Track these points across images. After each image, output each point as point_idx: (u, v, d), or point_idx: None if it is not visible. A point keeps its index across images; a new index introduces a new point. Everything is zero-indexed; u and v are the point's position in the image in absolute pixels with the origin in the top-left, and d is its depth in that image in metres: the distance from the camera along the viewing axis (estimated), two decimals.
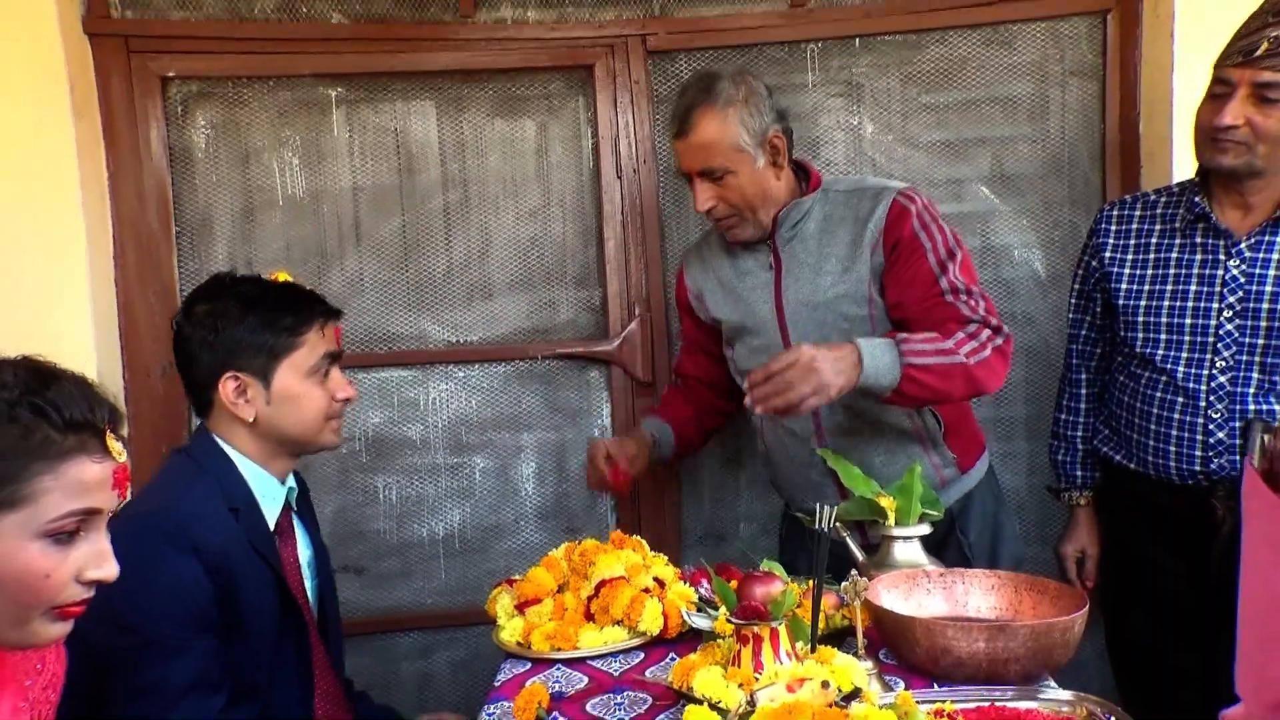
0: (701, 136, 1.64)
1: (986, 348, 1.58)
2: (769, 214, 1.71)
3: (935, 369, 1.53)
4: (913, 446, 1.74)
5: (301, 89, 2.15)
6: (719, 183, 1.66)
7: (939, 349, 1.54)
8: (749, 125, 1.63)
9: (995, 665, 1.20)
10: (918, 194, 1.70)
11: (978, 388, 1.59)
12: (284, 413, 1.41)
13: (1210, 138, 1.58)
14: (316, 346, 1.45)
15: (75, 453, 0.90)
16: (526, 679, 1.36)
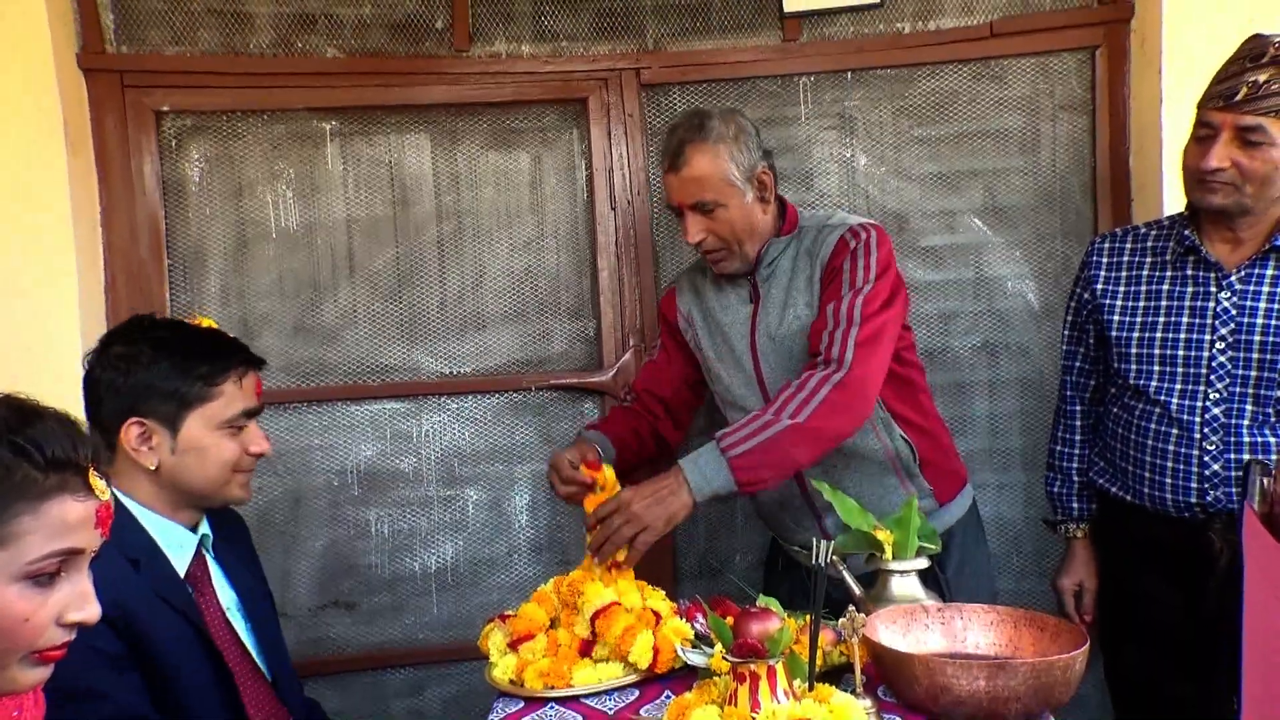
0: (693, 171, 1.68)
1: (817, 393, 1.55)
2: (755, 248, 1.75)
3: (759, 448, 1.51)
4: (889, 478, 1.74)
5: (296, 122, 2.16)
6: (709, 216, 1.69)
7: (758, 426, 1.54)
8: (739, 161, 1.68)
9: (996, 704, 1.18)
10: (870, 230, 1.70)
11: (827, 437, 1.56)
12: (188, 464, 1.36)
13: (1198, 179, 1.59)
14: (234, 400, 1.40)
15: (57, 491, 0.88)
16: (520, 718, 1.33)
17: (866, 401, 1.61)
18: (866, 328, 1.61)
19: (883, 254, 1.68)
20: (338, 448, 2.21)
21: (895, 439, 1.74)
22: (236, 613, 1.46)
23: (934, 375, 2.25)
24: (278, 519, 2.19)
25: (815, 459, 1.60)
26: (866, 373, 1.60)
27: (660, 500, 1.50)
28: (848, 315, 1.62)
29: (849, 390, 1.57)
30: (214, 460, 1.38)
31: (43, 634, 0.88)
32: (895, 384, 1.74)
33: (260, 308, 2.17)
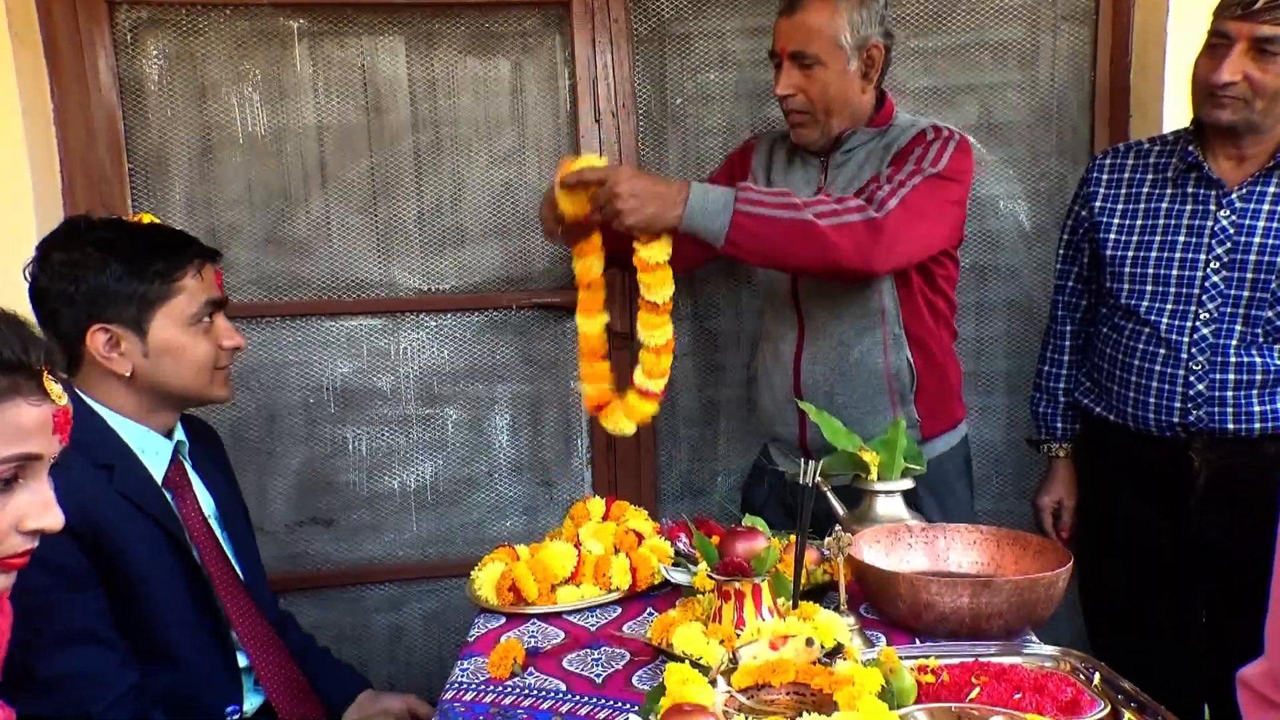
0: (806, 18, 1.60)
1: (847, 215, 1.49)
2: (841, 124, 1.67)
3: (770, 221, 1.45)
4: (881, 398, 1.72)
5: (261, 19, 2.03)
6: (806, 71, 1.61)
7: (782, 203, 1.47)
8: (855, 25, 1.60)
9: (978, 620, 1.19)
10: (954, 132, 1.66)
11: (832, 253, 1.48)
12: (165, 366, 1.32)
13: (1208, 93, 1.54)
14: (196, 293, 1.34)
15: (9, 395, 0.84)
16: (501, 634, 1.33)
17: (886, 257, 1.53)
18: (915, 195, 1.54)
19: (959, 154, 1.62)
20: (313, 364, 2.15)
21: (901, 359, 1.70)
22: (215, 523, 1.43)
23: None
24: (253, 435, 2.15)
25: (802, 265, 1.55)
26: (899, 234, 1.52)
27: (651, 197, 1.43)
28: (899, 182, 1.55)
29: (876, 232, 1.50)
30: (190, 360, 1.34)
31: (2, 541, 0.86)
32: (924, 308, 1.71)
33: (228, 217, 2.08)
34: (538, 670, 1.21)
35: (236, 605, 1.40)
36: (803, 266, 1.56)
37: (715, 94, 2.16)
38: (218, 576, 1.38)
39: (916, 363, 1.71)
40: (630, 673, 1.20)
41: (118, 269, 1.29)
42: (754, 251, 1.49)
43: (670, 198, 1.44)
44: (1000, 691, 1.00)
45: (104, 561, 1.22)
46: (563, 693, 1.15)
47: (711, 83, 2.16)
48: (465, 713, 1.12)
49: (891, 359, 1.70)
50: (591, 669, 1.21)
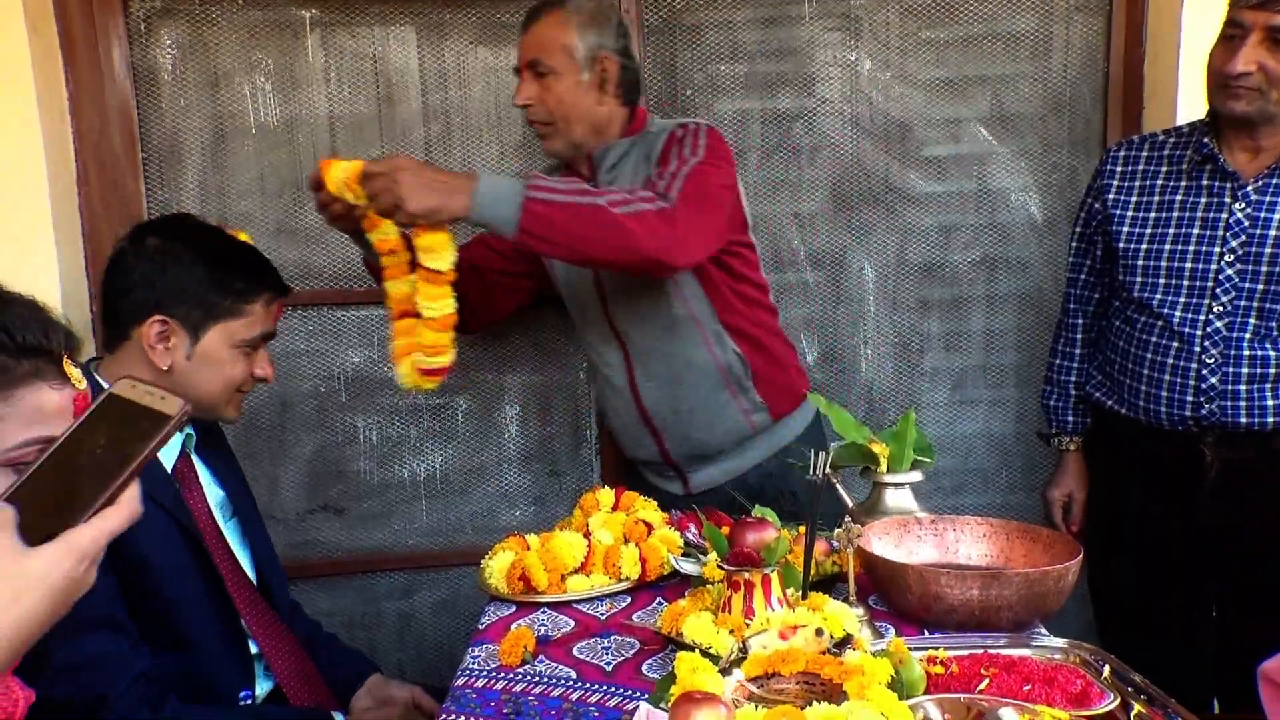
0: (539, 30, 1.65)
1: (641, 204, 1.48)
2: (584, 134, 1.69)
3: (564, 207, 1.42)
4: (721, 392, 1.74)
5: (273, 9, 2.04)
6: (541, 80, 1.65)
7: (574, 190, 1.46)
8: (585, 37, 1.65)
9: (988, 613, 1.19)
10: (701, 125, 1.68)
11: (630, 241, 1.45)
12: (199, 373, 1.36)
13: (1222, 83, 1.53)
14: (256, 322, 1.40)
15: (31, 378, 0.85)
16: (511, 622, 1.34)
17: (682, 249, 1.52)
18: (690, 184, 1.54)
19: (711, 144, 1.64)
20: (325, 353, 2.17)
21: (727, 352, 1.73)
22: (220, 512, 1.45)
23: (931, 290, 2.23)
24: (265, 423, 2.16)
25: (600, 256, 1.50)
26: (690, 225, 1.51)
27: (435, 187, 1.39)
28: (671, 176, 1.56)
29: (670, 221, 1.49)
30: (222, 376, 1.38)
31: None
32: (732, 298, 1.72)
33: (241, 206, 2.09)
34: (548, 658, 1.22)
35: (242, 595, 1.42)
36: (602, 257, 1.51)
37: (725, 85, 2.16)
38: (223, 567, 1.40)
39: (745, 352, 1.74)
40: (640, 661, 1.20)
41: (201, 273, 1.34)
42: (549, 241, 1.44)
43: (455, 186, 1.41)
44: (1010, 683, 1.01)
45: (117, 548, 1.23)
46: (573, 680, 1.16)
47: (722, 74, 2.15)
48: (477, 699, 1.13)
49: (719, 356, 1.73)
50: (601, 657, 1.22)
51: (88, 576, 0.73)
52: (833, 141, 2.17)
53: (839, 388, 2.24)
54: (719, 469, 1.80)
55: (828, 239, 2.21)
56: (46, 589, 0.68)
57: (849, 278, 2.22)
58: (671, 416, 1.76)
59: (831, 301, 2.23)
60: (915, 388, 2.26)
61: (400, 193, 1.37)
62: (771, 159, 2.18)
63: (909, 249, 2.22)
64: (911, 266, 2.22)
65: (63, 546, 0.69)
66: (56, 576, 0.69)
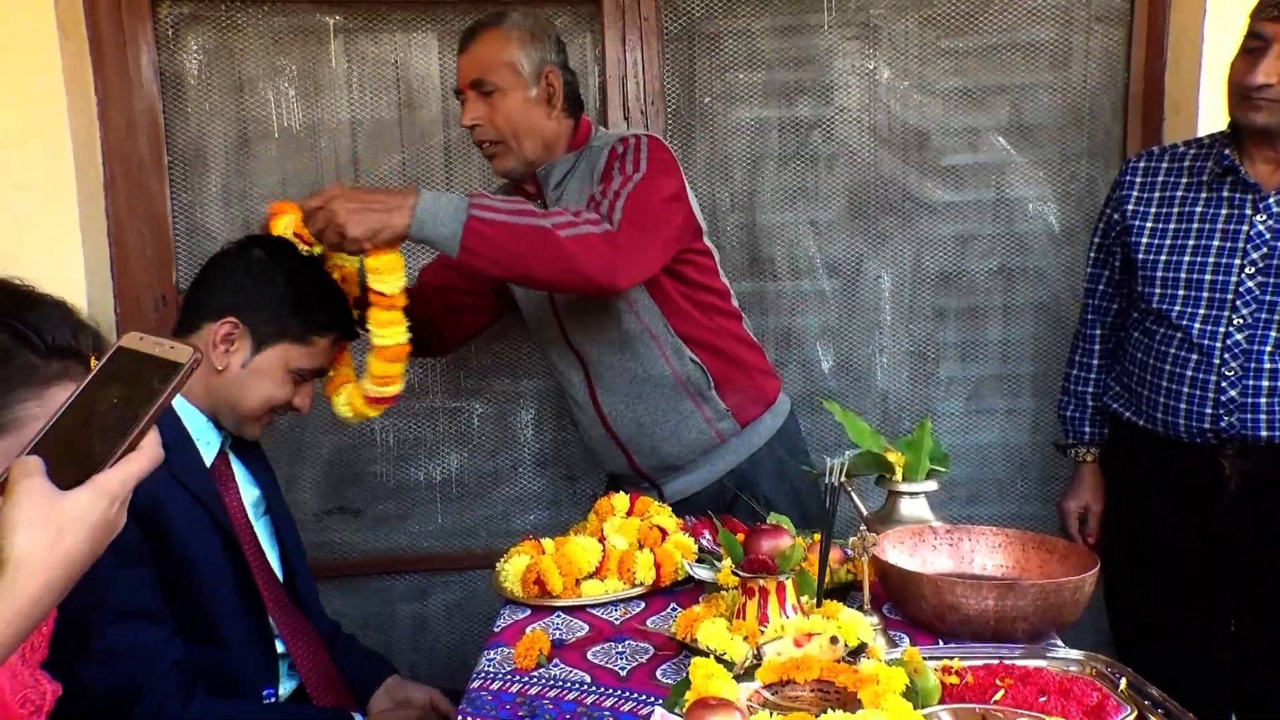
0: (479, 49, 1.63)
1: (586, 225, 1.46)
2: (535, 149, 1.67)
3: (506, 227, 1.40)
4: (684, 402, 1.73)
5: (298, 15, 2.07)
6: (487, 100, 1.63)
7: (519, 210, 1.44)
8: (528, 53, 1.63)
9: (1003, 623, 1.19)
10: (641, 136, 1.66)
11: (572, 264, 1.43)
12: (246, 383, 1.39)
13: (1243, 95, 1.53)
14: (318, 355, 1.44)
15: (60, 379, 0.86)
16: (527, 625, 1.35)
17: (626, 272, 1.50)
18: (632, 206, 1.51)
19: (654, 156, 1.61)
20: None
21: (685, 363, 1.71)
22: (253, 511, 1.47)
23: (948, 299, 2.22)
24: (283, 424, 2.18)
25: (542, 277, 1.48)
26: (633, 248, 1.50)
27: (373, 208, 1.37)
28: (614, 194, 1.54)
29: (613, 245, 1.47)
30: (264, 392, 1.40)
31: None
32: (688, 307, 1.70)
33: (263, 210, 2.08)
34: (562, 662, 1.23)
35: (271, 594, 1.44)
36: (544, 278, 1.49)
37: (743, 93, 2.17)
38: (255, 565, 1.42)
39: (704, 361, 1.72)
40: (654, 666, 1.21)
41: (286, 293, 1.40)
42: (491, 260, 1.42)
43: (394, 205, 1.38)
44: (1025, 694, 1.00)
45: (157, 540, 1.26)
46: (587, 684, 1.17)
47: (739, 82, 2.16)
48: (492, 701, 1.13)
49: (678, 367, 1.71)
50: (615, 662, 1.23)
51: (119, 518, 0.76)
52: (850, 150, 2.18)
53: (854, 396, 2.24)
54: (692, 478, 1.78)
55: (844, 247, 2.21)
56: (86, 527, 0.72)
57: (865, 286, 2.22)
58: (636, 430, 1.74)
59: (847, 309, 2.24)
60: (931, 397, 2.26)
61: (338, 220, 1.36)
62: (789, 167, 2.19)
63: (926, 258, 2.22)
64: (928, 275, 2.22)
65: (94, 489, 0.73)
66: (94, 516, 0.73)
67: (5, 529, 0.70)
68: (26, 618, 0.70)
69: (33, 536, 0.70)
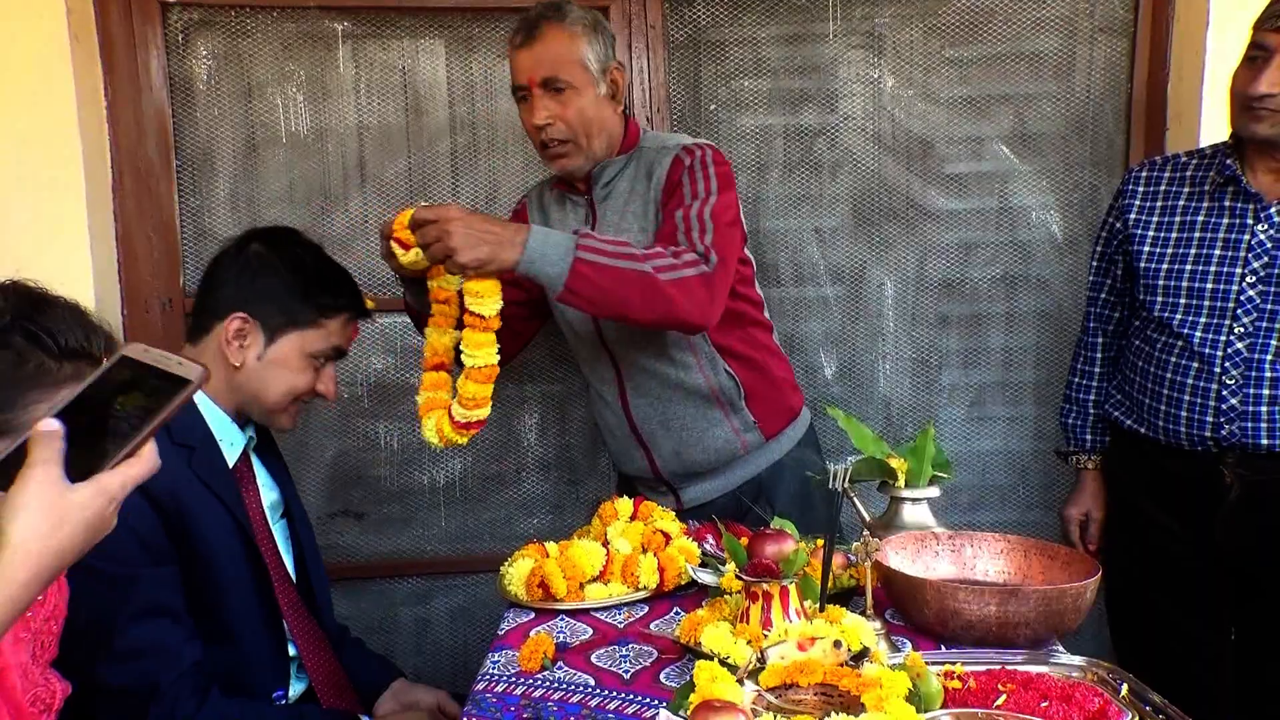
0: (547, 46, 1.57)
1: (685, 270, 1.47)
2: (602, 149, 1.66)
3: (610, 271, 1.42)
4: (713, 410, 1.73)
5: (306, 21, 2.08)
6: (559, 98, 1.59)
7: (622, 253, 1.44)
8: (595, 49, 1.60)
9: (1005, 629, 1.19)
10: (704, 148, 1.65)
11: (671, 309, 1.46)
12: (265, 375, 1.40)
13: (1246, 105, 1.54)
14: (331, 336, 1.45)
15: (72, 380, 0.87)
16: (531, 628, 1.35)
17: (717, 310, 1.53)
18: (719, 236, 1.54)
19: (721, 171, 1.62)
20: (348, 359, 2.15)
21: (720, 374, 1.71)
22: (271, 514, 1.48)
23: (951, 307, 2.23)
24: None
25: (636, 318, 1.49)
26: (724, 283, 1.53)
27: (486, 239, 1.38)
28: (699, 220, 1.55)
29: (710, 287, 1.50)
30: (286, 383, 1.42)
31: None
32: (728, 320, 1.67)
33: (270, 214, 2.13)
34: (567, 665, 1.24)
35: (286, 596, 1.45)
36: (637, 319, 1.50)
37: (748, 100, 2.18)
38: (271, 566, 1.43)
39: (737, 372, 1.72)
40: (658, 669, 1.21)
41: (290, 281, 1.41)
42: (591, 301, 1.44)
43: (506, 239, 1.40)
44: (1027, 699, 1.01)
45: (180, 539, 1.28)
46: (591, 687, 1.17)
47: (745, 89, 2.18)
48: (497, 703, 1.14)
49: (711, 377, 1.71)
50: (619, 665, 1.23)
51: (112, 519, 0.78)
52: (855, 157, 2.19)
53: (857, 402, 2.25)
54: (711, 485, 1.78)
55: (848, 254, 2.22)
56: (83, 522, 0.74)
57: (869, 293, 2.23)
58: (662, 434, 1.74)
59: (851, 316, 2.25)
60: (933, 403, 2.26)
61: (452, 244, 1.37)
62: (793, 174, 2.20)
63: (929, 265, 2.23)
64: (931, 283, 2.23)
65: (96, 487, 0.76)
66: (90, 513, 0.75)
67: (11, 509, 0.72)
68: (14, 602, 0.72)
69: (33, 522, 0.72)
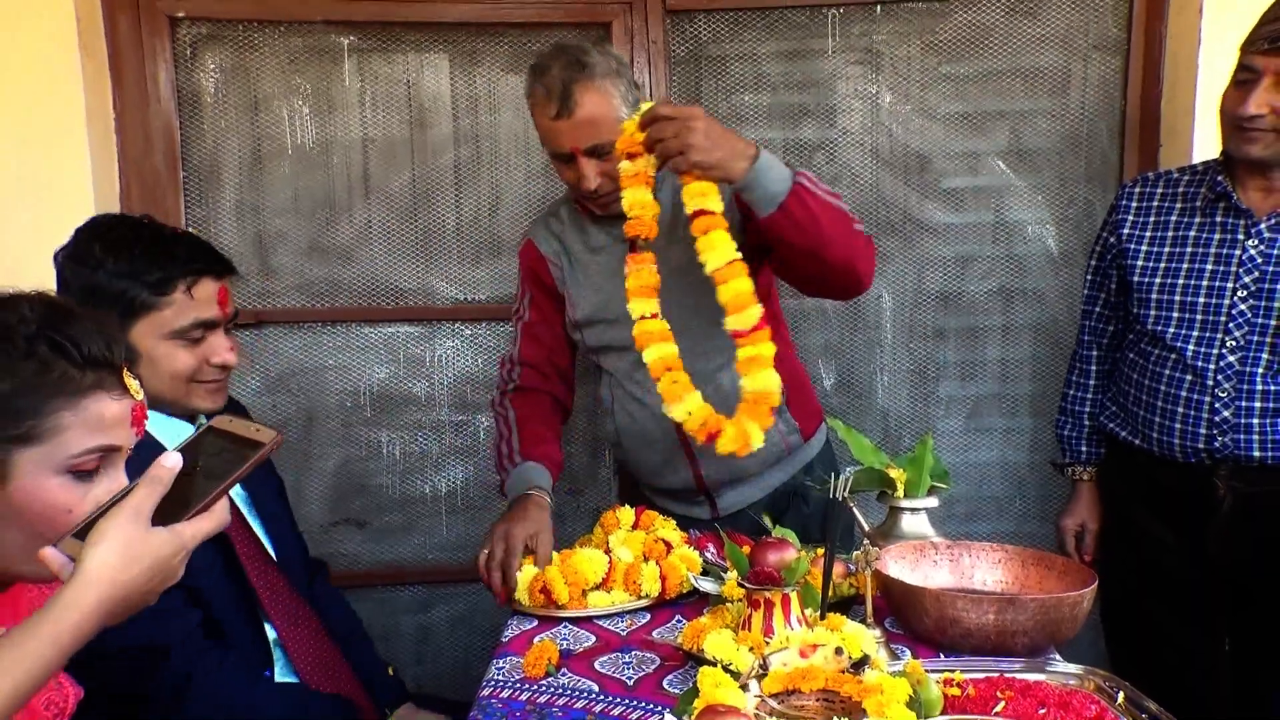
0: (586, 113, 1.54)
1: (860, 225, 1.52)
2: None
3: (823, 203, 1.44)
4: None
5: (313, 36, 2.11)
6: (604, 158, 1.56)
7: (830, 192, 1.48)
8: (624, 98, 1.58)
9: (1003, 637, 1.21)
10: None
11: (855, 256, 1.49)
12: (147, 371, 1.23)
13: (1236, 126, 1.57)
14: (185, 310, 1.31)
15: (94, 389, 0.89)
16: (534, 635, 1.37)
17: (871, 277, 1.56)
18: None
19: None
20: (351, 368, 2.22)
21: None
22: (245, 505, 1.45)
23: (948, 319, 2.26)
24: (291, 436, 2.21)
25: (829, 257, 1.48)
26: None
27: (722, 145, 1.39)
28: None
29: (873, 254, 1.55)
30: (164, 371, 1.31)
31: None
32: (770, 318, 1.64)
33: (275, 225, 2.15)
34: (570, 671, 1.25)
35: (264, 579, 1.39)
36: (826, 256, 1.48)
37: (749, 115, 2.21)
38: (244, 551, 1.38)
39: (781, 374, 1.65)
40: (661, 676, 1.23)
41: (113, 268, 1.28)
42: (799, 224, 1.43)
43: (741, 150, 1.41)
44: (1025, 707, 1.03)
45: None
46: (595, 693, 1.19)
47: (745, 104, 2.21)
48: (502, 709, 1.16)
49: None
50: (623, 671, 1.25)
51: (180, 569, 0.83)
52: (853, 172, 2.22)
53: (855, 413, 2.27)
54: (750, 489, 1.78)
55: None
56: (154, 565, 0.79)
57: (867, 305, 2.26)
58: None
59: (849, 328, 2.27)
60: (931, 415, 2.29)
61: (690, 140, 1.37)
62: None
63: (926, 278, 2.25)
64: (929, 295, 2.25)
65: (172, 535, 0.81)
66: (163, 557, 0.80)
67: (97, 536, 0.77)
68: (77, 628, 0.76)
69: (110, 555, 0.77)
